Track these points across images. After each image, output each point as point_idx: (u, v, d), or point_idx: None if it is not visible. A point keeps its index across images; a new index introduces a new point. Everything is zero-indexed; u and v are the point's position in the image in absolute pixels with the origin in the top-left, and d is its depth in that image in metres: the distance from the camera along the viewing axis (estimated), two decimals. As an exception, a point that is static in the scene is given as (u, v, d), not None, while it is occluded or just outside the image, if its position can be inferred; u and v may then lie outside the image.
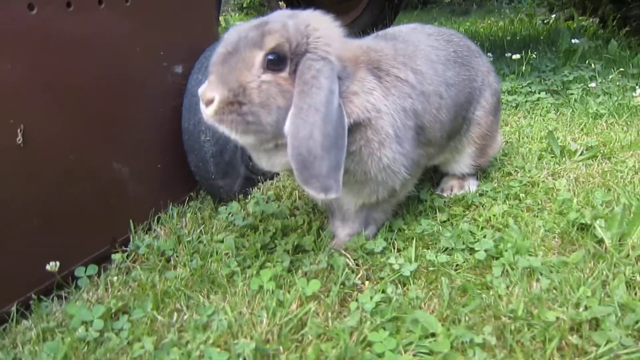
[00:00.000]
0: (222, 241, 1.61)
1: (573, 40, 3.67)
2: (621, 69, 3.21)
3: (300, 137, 1.15)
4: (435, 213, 1.72)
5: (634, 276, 1.30)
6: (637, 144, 2.22)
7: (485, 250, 1.40)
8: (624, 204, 1.64)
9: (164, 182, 1.82)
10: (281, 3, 4.23)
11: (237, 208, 1.80)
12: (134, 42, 1.61)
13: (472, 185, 1.89)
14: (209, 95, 1.19)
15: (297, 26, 1.22)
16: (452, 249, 1.47)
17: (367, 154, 1.31)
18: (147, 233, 1.71)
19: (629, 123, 2.52)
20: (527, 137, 2.42)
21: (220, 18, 9.78)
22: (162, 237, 1.68)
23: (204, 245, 1.60)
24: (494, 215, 1.66)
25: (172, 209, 1.82)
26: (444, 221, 1.68)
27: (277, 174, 2.09)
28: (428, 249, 1.51)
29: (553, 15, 6.00)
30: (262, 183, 2.03)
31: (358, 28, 5.45)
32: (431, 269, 1.38)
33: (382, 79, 1.34)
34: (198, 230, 1.69)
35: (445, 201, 1.80)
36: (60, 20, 1.36)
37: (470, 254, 1.44)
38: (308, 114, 1.15)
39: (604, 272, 1.31)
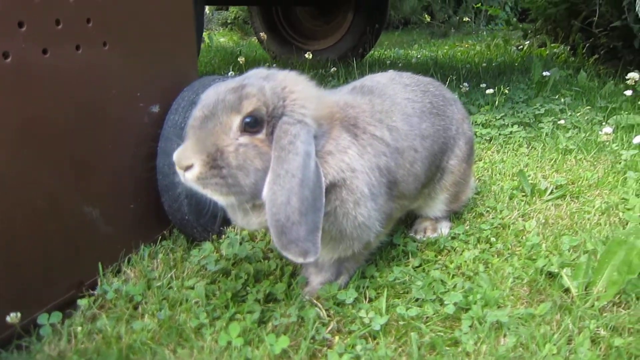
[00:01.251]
0: (192, 287, 1.59)
1: (544, 73, 3.76)
2: (589, 106, 3.30)
3: (278, 204, 1.16)
4: (408, 258, 1.73)
5: (598, 330, 1.33)
6: (603, 182, 2.28)
7: (454, 304, 1.41)
8: (590, 250, 1.68)
9: (136, 222, 1.79)
10: (262, 34, 4.25)
11: (209, 250, 1.78)
12: (110, 85, 1.60)
13: (444, 228, 1.91)
14: (187, 162, 1.19)
15: (274, 89, 1.24)
16: (423, 300, 1.48)
17: (342, 213, 1.32)
18: (116, 275, 1.69)
19: (596, 159, 2.58)
20: (499, 174, 2.46)
21: (205, 35, 9.80)
22: (131, 280, 1.66)
23: (174, 291, 1.58)
24: (465, 262, 1.68)
25: (143, 250, 1.79)
26: (417, 267, 1.69)
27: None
28: (399, 298, 1.52)
29: (527, 42, 6.15)
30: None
31: (339, 52, 5.51)
32: (401, 322, 1.39)
33: (358, 137, 1.36)
34: (169, 275, 1.67)
35: (418, 245, 1.82)
36: (35, 67, 1.35)
37: (441, 305, 1.46)
38: (285, 180, 1.16)
39: (570, 327, 1.33)
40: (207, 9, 13.36)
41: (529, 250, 1.74)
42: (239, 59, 3.80)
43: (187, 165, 1.20)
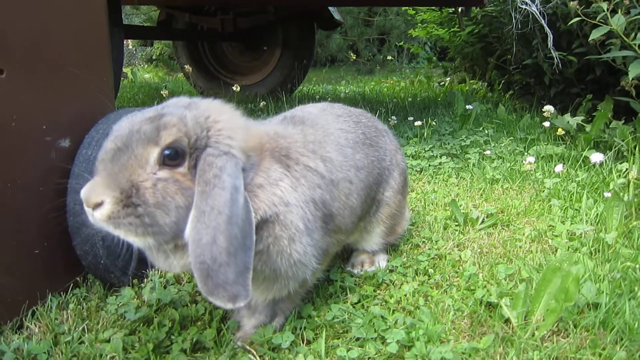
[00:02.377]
0: (108, 340, 1.40)
1: (467, 106, 3.93)
2: (511, 137, 3.46)
3: (202, 244, 1.04)
4: (346, 294, 1.65)
5: (541, 361, 1.30)
6: (530, 210, 2.34)
7: (397, 342, 1.34)
8: (525, 279, 1.68)
9: (42, 269, 1.58)
10: (187, 66, 4.15)
11: (129, 296, 1.60)
12: (7, 116, 1.41)
13: (382, 261, 1.86)
14: (96, 199, 1.05)
15: (197, 119, 1.13)
16: (364, 339, 1.39)
17: (275, 251, 1.22)
18: (17, 332, 1.46)
19: (521, 188, 2.67)
20: (432, 204, 2.47)
21: (127, 70, 9.47)
22: (35, 336, 1.44)
23: (86, 346, 1.38)
24: (405, 296, 1.62)
25: (51, 300, 1.58)
26: (355, 303, 1.61)
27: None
28: (339, 339, 1.42)
29: (448, 78, 6.47)
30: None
31: (268, 87, 5.49)
32: (343, 366, 1.29)
33: (290, 168, 1.27)
34: (81, 328, 1.47)
35: (355, 280, 1.74)
36: None
37: (383, 344, 1.37)
38: (210, 217, 1.05)
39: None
40: (130, 44, 13.04)
41: (466, 281, 1.71)
42: (162, 92, 3.66)
43: (96, 202, 1.05)
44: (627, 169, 2.67)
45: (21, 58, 1.44)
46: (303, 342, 1.41)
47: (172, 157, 1.09)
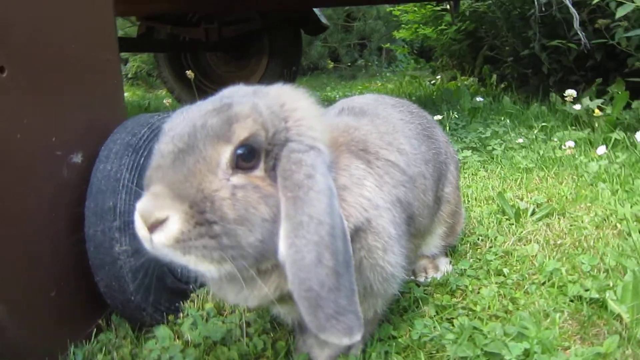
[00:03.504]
0: (157, 394, 1.14)
1: (478, 99, 3.77)
2: (530, 126, 3.31)
3: (306, 265, 0.81)
4: (420, 307, 1.42)
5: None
6: (580, 196, 2.16)
7: (517, 357, 1.11)
8: (613, 268, 1.49)
9: (60, 315, 1.31)
10: (189, 72, 3.91)
11: (168, 337, 1.34)
12: (12, 127, 1.15)
13: (445, 265, 1.64)
14: (160, 214, 0.80)
15: (271, 108, 0.89)
16: (469, 358, 1.16)
17: (369, 266, 0.99)
18: (38, 394, 1.19)
19: (558, 175, 2.50)
20: (473, 200, 2.27)
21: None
22: (62, 398, 1.17)
23: (131, 404, 1.12)
24: (491, 301, 1.40)
25: (74, 353, 1.30)
26: (434, 315, 1.38)
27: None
28: (435, 360, 1.19)
29: (438, 77, 6.36)
30: (195, 293, 1.59)
31: (256, 97, 5.25)
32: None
33: (372, 164, 1.05)
34: (118, 381, 1.20)
35: (424, 289, 1.52)
36: None
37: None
38: (310, 229, 0.81)
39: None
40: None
41: (549, 277, 1.51)
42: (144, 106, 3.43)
43: (160, 219, 0.80)
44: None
45: (24, 55, 1.19)
46: (393, 370, 1.17)
47: (247, 157, 0.85)
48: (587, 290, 1.38)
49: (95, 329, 1.42)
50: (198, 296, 1.58)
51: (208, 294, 1.58)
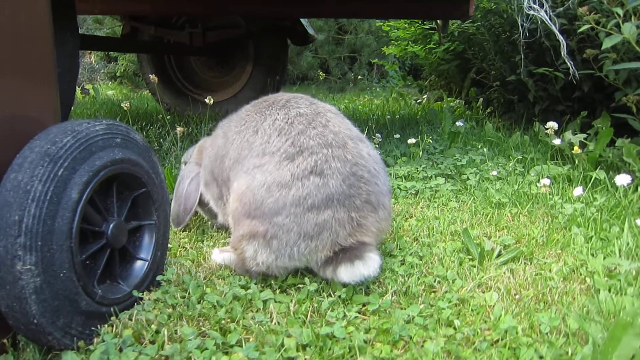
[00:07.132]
0: None
1: (458, 123, 3.66)
2: (508, 156, 3.19)
3: None
4: (356, 357, 1.27)
5: None
6: (551, 241, 2.03)
7: None
8: (576, 332, 1.36)
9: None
10: (152, 76, 3.79)
11: (69, 370, 1.17)
12: None
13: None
14: None
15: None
16: None
17: None
18: None
19: (531, 214, 2.37)
20: (438, 233, 2.13)
21: (89, 86, 8.87)
22: None
23: None
24: (434, 359, 1.25)
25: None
26: (369, 371, 1.23)
27: (137, 301, 1.50)
28: None
29: (424, 96, 6.26)
30: (116, 317, 1.41)
31: (240, 103, 5.12)
32: None
33: None
34: None
35: (365, 337, 1.36)
36: None
37: None
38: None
39: None
40: (93, 59, 12.39)
41: (502, 336, 1.37)
42: (123, 105, 3.27)
43: None
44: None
45: None
46: None
47: None
48: (541, 357, 1.24)
49: (-7, 353, 1.25)
50: (120, 320, 1.41)
51: (130, 319, 1.42)
